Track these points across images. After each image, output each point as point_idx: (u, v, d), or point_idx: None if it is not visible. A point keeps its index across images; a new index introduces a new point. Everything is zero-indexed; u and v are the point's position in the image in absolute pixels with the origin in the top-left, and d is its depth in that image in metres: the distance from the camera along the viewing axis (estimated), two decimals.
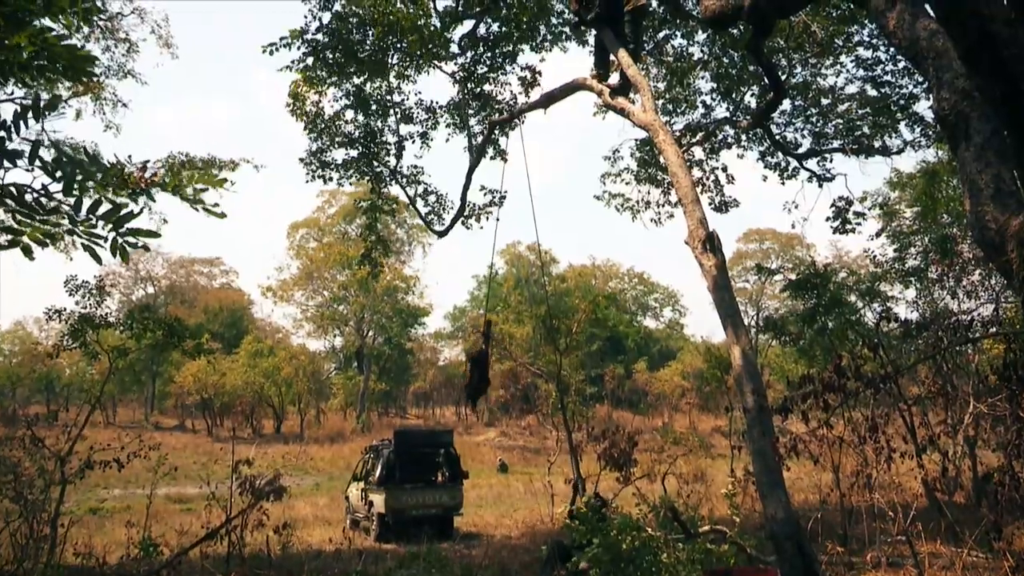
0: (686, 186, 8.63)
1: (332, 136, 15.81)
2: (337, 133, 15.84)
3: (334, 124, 15.77)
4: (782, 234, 58.57)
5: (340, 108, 15.65)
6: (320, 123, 15.65)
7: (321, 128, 15.71)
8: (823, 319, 19.39)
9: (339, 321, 54.30)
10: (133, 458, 11.68)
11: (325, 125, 15.72)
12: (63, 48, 3.57)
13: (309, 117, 15.47)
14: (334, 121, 15.74)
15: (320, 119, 15.62)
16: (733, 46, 16.02)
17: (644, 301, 70.22)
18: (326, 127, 15.74)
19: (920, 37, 4.74)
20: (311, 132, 15.65)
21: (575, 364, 33.98)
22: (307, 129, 15.56)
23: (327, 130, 15.76)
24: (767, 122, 16.92)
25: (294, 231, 56.43)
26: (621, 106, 9.89)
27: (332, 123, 15.75)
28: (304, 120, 15.48)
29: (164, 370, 50.12)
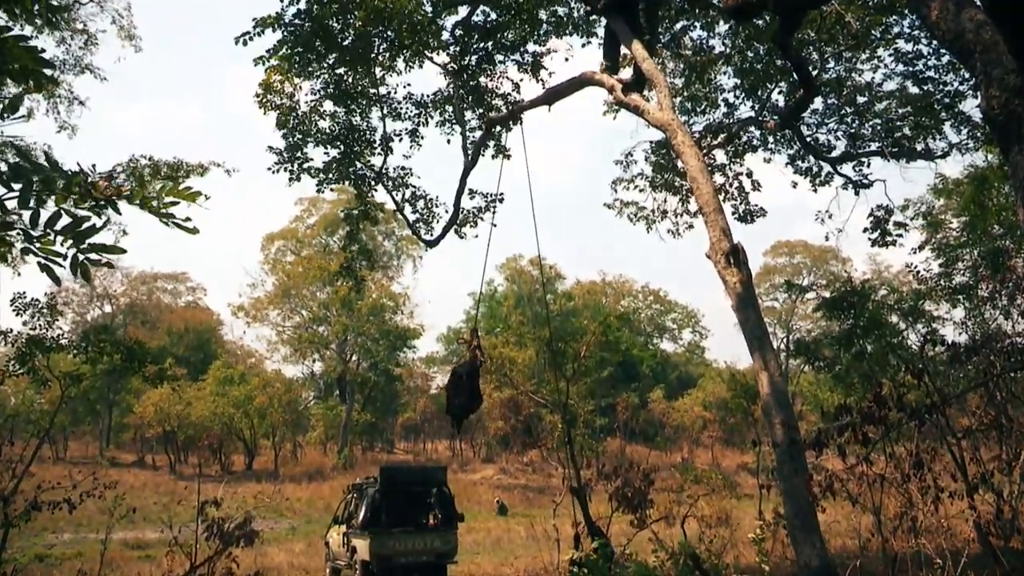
0: (707, 193, 8.68)
1: (307, 133, 15.81)
2: (313, 129, 15.84)
3: (310, 119, 15.79)
4: (814, 247, 58.72)
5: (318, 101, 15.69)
6: (294, 118, 15.65)
7: (295, 123, 15.69)
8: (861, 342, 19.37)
9: (319, 344, 54.25)
10: (86, 498, 11.63)
11: (299, 120, 15.72)
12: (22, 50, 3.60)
13: (282, 110, 15.45)
14: (310, 116, 15.75)
15: (294, 113, 15.61)
16: (758, 38, 16.13)
17: (661, 322, 70.20)
18: (300, 122, 15.74)
19: (966, 29, 4.79)
20: (283, 127, 15.63)
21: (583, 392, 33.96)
22: (279, 124, 15.57)
23: (301, 126, 15.75)
24: (797, 122, 17.01)
25: (269, 243, 56.51)
26: (635, 104, 9.96)
27: (308, 118, 15.76)
28: (276, 112, 15.44)
29: (122, 399, 49.97)
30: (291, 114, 15.59)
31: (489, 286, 62.76)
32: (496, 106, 16.50)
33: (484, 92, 16.45)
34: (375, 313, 52.60)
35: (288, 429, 49.85)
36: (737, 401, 35.66)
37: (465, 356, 14.11)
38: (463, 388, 13.22)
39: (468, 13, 15.32)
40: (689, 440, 54.09)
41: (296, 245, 56.36)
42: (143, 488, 35.68)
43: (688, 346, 71.27)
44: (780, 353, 56.09)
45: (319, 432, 52.68)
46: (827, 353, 21.83)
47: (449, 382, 13.68)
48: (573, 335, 31.55)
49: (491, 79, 16.36)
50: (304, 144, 15.86)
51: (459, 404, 13.28)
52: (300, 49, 13.86)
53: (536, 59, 16.38)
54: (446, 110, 16.87)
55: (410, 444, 64.45)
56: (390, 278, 56.06)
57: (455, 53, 15.74)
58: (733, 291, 8.11)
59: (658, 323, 70.21)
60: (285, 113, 15.51)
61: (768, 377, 7.74)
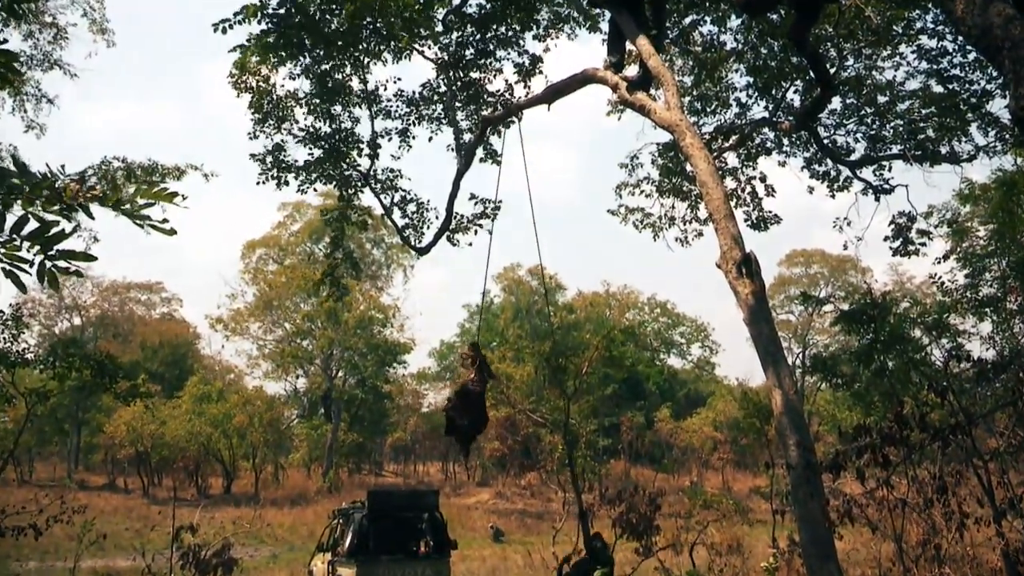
0: (718, 199, 8.69)
1: (282, 119, 15.79)
2: (289, 115, 15.82)
3: (286, 105, 15.78)
4: (832, 256, 58.81)
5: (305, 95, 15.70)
6: (269, 101, 15.60)
7: (270, 108, 15.66)
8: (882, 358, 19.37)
9: (303, 359, 54.21)
10: (53, 524, 11.61)
11: (275, 104, 15.68)
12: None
13: (257, 93, 15.39)
14: (286, 101, 15.73)
15: (270, 97, 15.56)
16: (773, 34, 16.19)
17: (668, 336, 70.20)
18: (276, 106, 15.71)
19: (994, 24, 4.80)
20: (258, 111, 15.61)
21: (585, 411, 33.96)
22: (253, 107, 15.54)
23: (277, 111, 15.72)
24: (813, 123, 17.05)
25: (250, 251, 56.53)
26: (640, 103, 9.97)
27: (284, 103, 15.74)
28: (250, 94, 15.38)
29: (92, 418, 49.87)
30: (266, 97, 15.54)
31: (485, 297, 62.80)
32: (491, 103, 16.53)
33: (479, 89, 16.49)
34: (363, 326, 52.56)
35: (269, 450, 49.74)
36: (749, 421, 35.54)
37: (467, 375, 14.01)
38: (471, 407, 13.18)
39: (461, 1, 15.37)
40: (698, 462, 54.05)
41: (279, 253, 56.38)
42: (114, 513, 35.56)
43: (697, 362, 71.25)
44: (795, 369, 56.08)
45: (302, 453, 52.56)
46: (845, 370, 21.83)
47: (452, 402, 13.59)
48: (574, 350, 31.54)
49: (485, 72, 16.41)
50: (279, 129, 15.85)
51: (466, 425, 13.20)
52: (283, 41, 13.83)
53: (534, 57, 16.43)
54: (437, 108, 16.91)
55: (400, 466, 64.32)
56: (379, 289, 56.11)
57: (447, 42, 15.77)
58: (745, 303, 8.12)
59: (665, 337, 70.20)
60: (260, 96, 15.46)
61: (782, 395, 7.74)
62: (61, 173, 3.68)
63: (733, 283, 8.23)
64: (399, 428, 59.30)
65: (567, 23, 16.46)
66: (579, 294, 65.61)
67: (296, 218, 56.17)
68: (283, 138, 15.98)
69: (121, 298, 64.03)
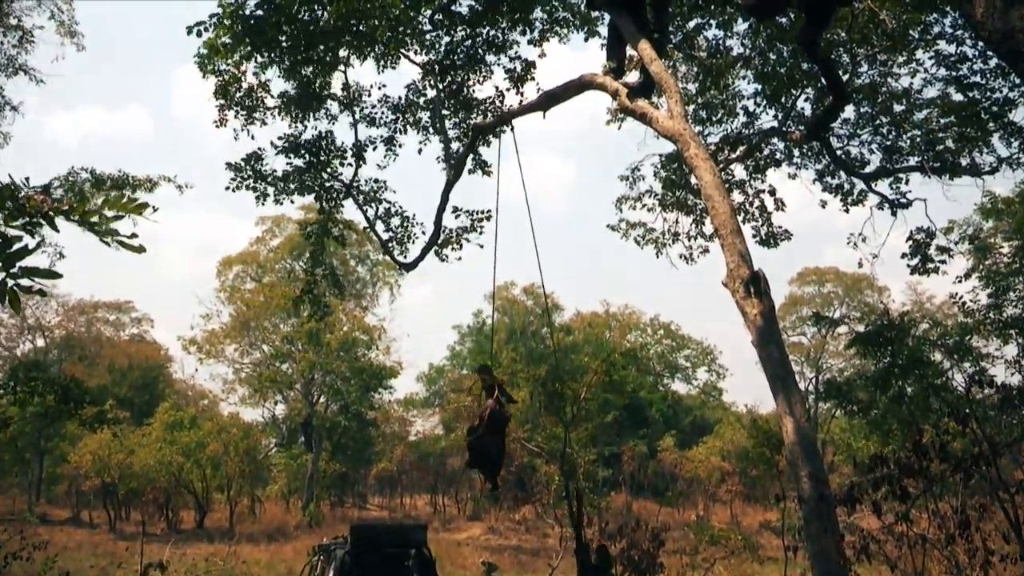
0: (724, 213, 8.71)
1: (251, 108, 15.73)
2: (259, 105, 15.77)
3: (257, 95, 15.75)
4: (847, 274, 58.83)
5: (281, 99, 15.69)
6: (238, 88, 15.52)
7: (238, 95, 15.60)
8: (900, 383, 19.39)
9: (282, 384, 54.01)
10: (12, 561, 11.54)
11: (246, 93, 15.64)
12: None
13: (226, 78, 15.25)
14: (258, 91, 15.69)
15: (239, 84, 15.47)
16: (782, 38, 16.28)
17: (672, 359, 70.16)
18: (247, 95, 15.67)
19: (1016, 28, 4.83)
20: (224, 97, 15.53)
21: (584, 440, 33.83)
22: (219, 93, 15.45)
23: (246, 100, 15.67)
24: (826, 133, 17.11)
25: (226, 268, 56.43)
26: (642, 111, 10.01)
27: (255, 92, 15.69)
28: (217, 77, 15.24)
29: (55, 446, 49.61)
30: (235, 84, 15.44)
31: (476, 318, 62.80)
32: (483, 111, 16.59)
33: (469, 95, 16.55)
34: (346, 348, 52.42)
35: (245, 481, 49.50)
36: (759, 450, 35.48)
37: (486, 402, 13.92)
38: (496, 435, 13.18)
39: None
40: (705, 495, 53.90)
41: (257, 270, 56.30)
42: (78, 549, 35.32)
43: (703, 387, 71.17)
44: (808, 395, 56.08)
45: (281, 485, 52.33)
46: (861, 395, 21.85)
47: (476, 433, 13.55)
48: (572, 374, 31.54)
49: (476, 76, 16.46)
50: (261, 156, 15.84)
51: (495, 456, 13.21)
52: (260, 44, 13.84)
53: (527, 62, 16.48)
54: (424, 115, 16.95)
55: (385, 499, 64.10)
56: (363, 308, 56.01)
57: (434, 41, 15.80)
58: (753, 324, 8.13)
59: (669, 361, 70.15)
60: (229, 82, 15.34)
61: (794, 423, 7.74)
62: (25, 185, 3.68)
63: (740, 303, 8.24)
64: (385, 458, 59.09)
65: (563, 26, 16.52)
66: (577, 314, 65.63)
67: (275, 233, 56.12)
68: (260, 147, 15.99)
69: (88, 318, 63.88)
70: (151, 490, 45.32)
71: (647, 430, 58.80)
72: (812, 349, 59.77)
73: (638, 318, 70.28)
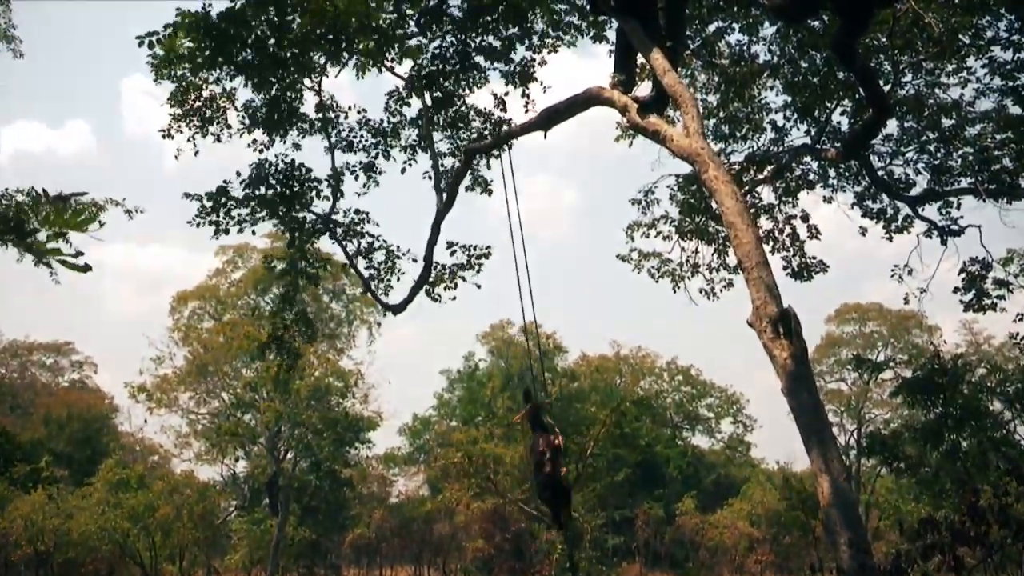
0: (749, 243, 8.74)
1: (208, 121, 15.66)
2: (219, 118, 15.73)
3: (218, 104, 15.69)
4: (891, 312, 58.97)
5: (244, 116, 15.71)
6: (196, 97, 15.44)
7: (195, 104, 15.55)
8: (953, 436, 19.39)
9: (244, 437, 53.85)
10: None
11: (206, 103, 15.55)
12: None
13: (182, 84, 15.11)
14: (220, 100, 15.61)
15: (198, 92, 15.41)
16: (814, 44, 16.38)
17: (692, 409, 70.11)
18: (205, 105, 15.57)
19: None
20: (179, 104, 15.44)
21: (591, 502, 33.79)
22: (174, 99, 15.37)
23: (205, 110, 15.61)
24: (865, 151, 17.19)
25: (180, 305, 56.34)
26: (654, 128, 10.05)
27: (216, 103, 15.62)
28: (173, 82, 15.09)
29: None
30: (193, 93, 15.36)
31: (467, 361, 62.77)
32: (477, 129, 16.61)
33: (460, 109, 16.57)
34: (318, 396, 52.31)
35: (201, 550, 49.26)
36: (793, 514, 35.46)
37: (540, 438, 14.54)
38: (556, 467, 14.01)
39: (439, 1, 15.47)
40: (731, 565, 53.70)
41: (216, 307, 56.23)
42: None
43: (728, 441, 71.09)
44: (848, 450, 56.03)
45: (242, 554, 52.00)
46: (909, 451, 21.82)
47: (547, 472, 14.24)
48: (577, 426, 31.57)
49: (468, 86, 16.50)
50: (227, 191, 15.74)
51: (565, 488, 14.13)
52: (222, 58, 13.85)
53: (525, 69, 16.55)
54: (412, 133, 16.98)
55: (362, 569, 63.73)
56: (338, 351, 55.88)
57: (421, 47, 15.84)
58: (783, 369, 8.13)
59: (689, 411, 70.10)
60: (187, 89, 15.24)
61: (831, 482, 7.73)
62: None
63: (768, 345, 8.25)
64: (361, 523, 58.81)
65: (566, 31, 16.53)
66: (583, 357, 65.56)
67: (238, 264, 56.12)
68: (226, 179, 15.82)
69: (22, 361, 63.78)
70: (91, 560, 45.06)
71: (664, 491, 58.59)
72: (852, 397, 59.76)
73: (652, 362, 70.28)
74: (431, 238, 15.34)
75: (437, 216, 15.26)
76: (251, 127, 15.97)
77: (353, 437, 55.30)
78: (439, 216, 15.25)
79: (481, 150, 15.66)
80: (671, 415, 67.90)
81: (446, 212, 15.25)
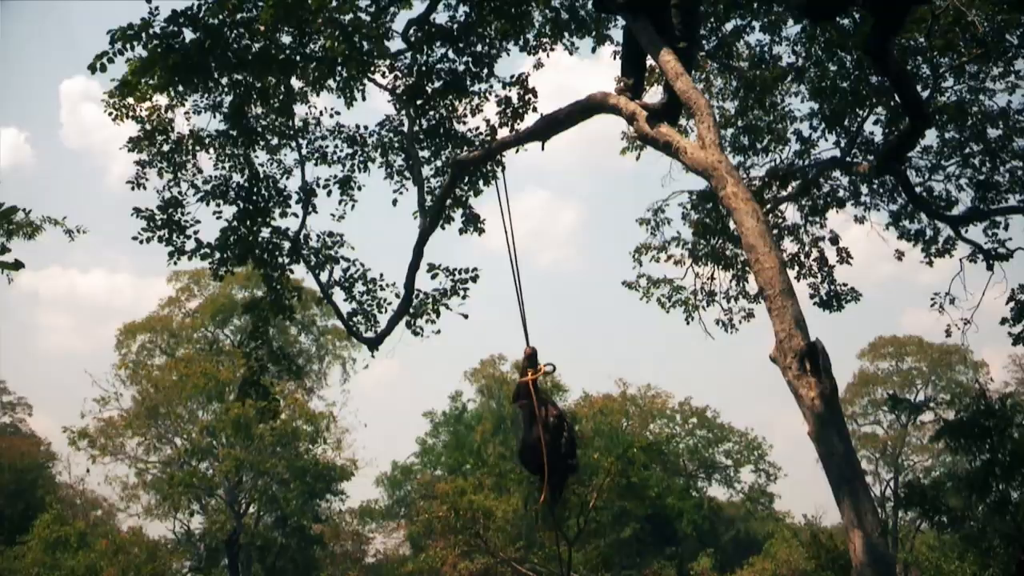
0: (771, 268, 8.78)
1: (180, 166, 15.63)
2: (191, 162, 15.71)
3: (188, 148, 15.67)
4: (932, 345, 58.98)
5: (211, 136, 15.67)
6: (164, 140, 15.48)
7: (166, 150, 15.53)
8: (1002, 486, 19.40)
9: (200, 489, 53.63)
10: None
11: (174, 147, 15.55)
12: None
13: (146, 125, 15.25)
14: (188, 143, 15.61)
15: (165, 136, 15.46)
16: (844, 45, 16.45)
17: (708, 456, 69.98)
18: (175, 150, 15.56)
19: None
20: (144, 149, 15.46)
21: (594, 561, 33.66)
22: (137, 145, 15.39)
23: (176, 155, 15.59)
24: (902, 165, 17.24)
25: (128, 338, 56.24)
26: (665, 139, 10.09)
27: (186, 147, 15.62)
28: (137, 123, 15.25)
29: None
30: (160, 135, 15.42)
31: (454, 402, 62.63)
32: (468, 140, 16.54)
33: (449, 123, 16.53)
34: (284, 442, 52.21)
35: None
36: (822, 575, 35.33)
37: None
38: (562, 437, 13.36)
39: (427, 9, 15.50)
40: None
41: (168, 341, 56.13)
42: None
43: (749, 492, 70.90)
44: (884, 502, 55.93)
45: None
46: (953, 503, 21.82)
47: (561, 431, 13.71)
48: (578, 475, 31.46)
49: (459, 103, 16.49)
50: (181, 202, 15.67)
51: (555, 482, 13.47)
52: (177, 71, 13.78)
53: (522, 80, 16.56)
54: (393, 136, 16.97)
55: None
56: (307, 390, 55.80)
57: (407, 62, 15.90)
58: (810, 411, 8.14)
59: (704, 457, 69.97)
60: (152, 131, 15.30)
61: (864, 538, 7.75)
62: None
63: (794, 383, 8.27)
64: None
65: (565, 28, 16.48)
66: (584, 397, 65.42)
67: (194, 292, 56.06)
68: (180, 191, 15.79)
69: None
70: None
71: (677, 548, 58.47)
72: (888, 442, 59.75)
73: (663, 402, 70.15)
74: (413, 262, 15.25)
75: (420, 238, 15.19)
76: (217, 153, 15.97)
77: (324, 488, 55.13)
78: (422, 238, 15.18)
79: (471, 163, 15.59)
80: (684, 462, 67.72)
81: (430, 233, 15.17)
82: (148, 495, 54.62)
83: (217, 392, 48.71)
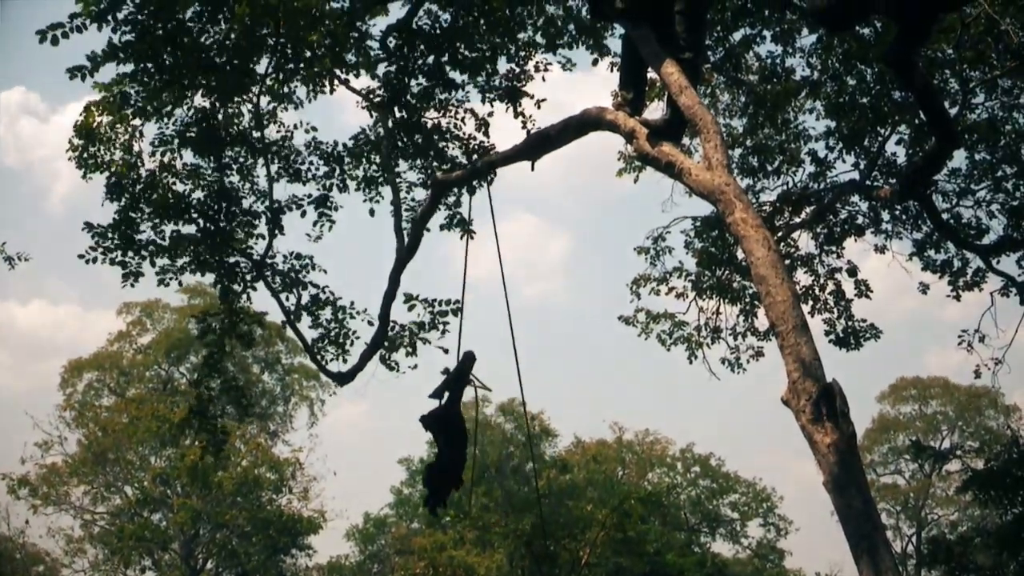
0: (784, 302, 8.77)
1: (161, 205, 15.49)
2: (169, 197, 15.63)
3: (163, 183, 15.62)
4: (959, 387, 59.05)
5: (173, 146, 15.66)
6: (136, 180, 15.39)
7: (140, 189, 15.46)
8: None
9: (152, 543, 53.43)
10: None
11: (146, 185, 15.46)
12: None
13: (119, 168, 15.15)
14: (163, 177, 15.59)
15: (135, 172, 15.38)
16: (864, 57, 16.49)
17: (712, 508, 69.97)
18: (149, 187, 15.50)
19: None
20: (120, 196, 15.37)
21: None
22: (113, 193, 15.33)
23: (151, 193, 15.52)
24: (927, 189, 17.25)
25: (73, 376, 56.07)
26: (667, 159, 10.07)
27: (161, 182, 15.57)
28: (107, 174, 15.21)
29: None
30: (132, 174, 15.31)
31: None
32: (451, 159, 16.48)
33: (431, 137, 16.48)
34: (246, 491, 52.04)
35: None
36: None
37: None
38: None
39: (408, 13, 15.47)
40: None
41: (118, 380, 55.95)
42: None
43: (757, 548, 70.89)
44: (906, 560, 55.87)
45: None
46: (981, 560, 21.80)
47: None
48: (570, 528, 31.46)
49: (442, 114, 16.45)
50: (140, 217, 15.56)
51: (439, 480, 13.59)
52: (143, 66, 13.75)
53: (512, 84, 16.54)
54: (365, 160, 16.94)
55: None
56: (271, 434, 55.64)
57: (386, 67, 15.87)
58: (825, 460, 8.11)
59: (708, 510, 69.95)
60: (123, 173, 15.19)
61: None
62: None
63: (808, 429, 8.24)
64: None
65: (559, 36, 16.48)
66: (576, 443, 65.30)
67: (146, 326, 55.91)
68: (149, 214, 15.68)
69: None
70: None
71: None
72: (911, 493, 59.74)
73: (663, 449, 70.14)
74: (389, 290, 15.21)
75: (397, 264, 15.16)
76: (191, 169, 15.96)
77: (289, 542, 54.87)
78: (399, 264, 15.16)
79: (454, 183, 15.52)
80: (686, 515, 67.68)
81: (407, 260, 15.16)
82: (95, 549, 54.38)
83: (172, 436, 48.41)
